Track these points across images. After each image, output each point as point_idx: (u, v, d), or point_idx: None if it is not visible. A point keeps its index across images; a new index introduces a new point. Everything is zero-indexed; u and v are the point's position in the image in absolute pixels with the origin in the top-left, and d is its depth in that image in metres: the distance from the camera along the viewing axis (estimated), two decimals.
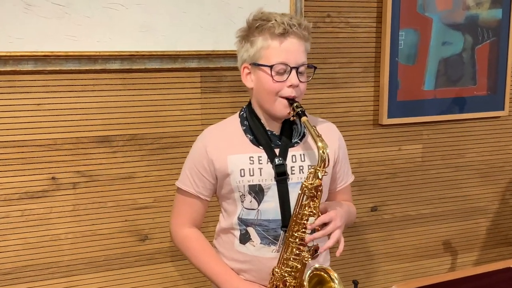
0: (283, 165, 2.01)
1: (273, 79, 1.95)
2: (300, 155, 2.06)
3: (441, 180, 3.26)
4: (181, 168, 2.16)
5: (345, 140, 2.18)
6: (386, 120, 2.99)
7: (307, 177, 1.93)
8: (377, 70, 2.98)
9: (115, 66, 2.49)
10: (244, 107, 2.13)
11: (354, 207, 2.28)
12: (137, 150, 2.60)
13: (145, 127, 2.60)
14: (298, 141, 2.08)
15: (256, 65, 1.99)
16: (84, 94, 2.49)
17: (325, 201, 2.15)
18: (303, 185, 1.93)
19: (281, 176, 2.01)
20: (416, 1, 2.96)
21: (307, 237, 1.94)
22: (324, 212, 1.97)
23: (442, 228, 3.33)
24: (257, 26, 1.97)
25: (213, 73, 2.66)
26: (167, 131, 2.63)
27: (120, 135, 2.57)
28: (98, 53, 2.45)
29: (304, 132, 2.09)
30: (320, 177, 1.90)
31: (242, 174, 2.02)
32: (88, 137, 2.52)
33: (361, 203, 3.08)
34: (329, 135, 2.09)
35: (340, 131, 2.20)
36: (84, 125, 2.51)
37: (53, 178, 2.50)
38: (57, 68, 2.42)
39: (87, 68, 2.46)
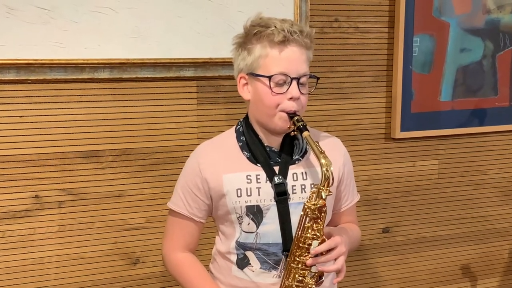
0: (283, 184, 2.00)
1: (272, 91, 1.93)
2: (302, 173, 2.04)
3: (459, 199, 3.24)
4: None
5: (354, 155, 2.17)
6: (399, 134, 2.98)
7: (309, 197, 1.92)
8: (389, 79, 2.97)
9: (104, 75, 2.49)
10: (241, 120, 2.12)
11: (359, 230, 2.26)
12: (128, 166, 2.60)
13: (136, 141, 2.59)
14: (300, 158, 2.06)
15: (253, 75, 1.97)
16: (70, 106, 2.48)
17: (329, 222, 2.15)
18: (306, 206, 1.91)
19: (281, 196, 1.99)
20: (432, 4, 2.95)
21: (310, 260, 1.92)
22: (328, 236, 1.95)
23: (460, 252, 3.30)
24: (255, 33, 1.96)
25: (210, 82, 2.65)
26: (161, 145, 2.62)
27: (110, 149, 2.56)
28: (85, 61, 2.44)
29: (306, 148, 2.07)
30: (324, 197, 1.89)
31: (239, 194, 2.01)
32: (75, 152, 2.51)
33: (371, 224, 3.06)
34: (334, 151, 2.07)
35: (349, 146, 2.19)
36: (71, 139, 2.50)
37: (36, 196, 2.49)
38: (41, 77, 2.41)
39: (73, 77, 2.45)
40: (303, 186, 2.03)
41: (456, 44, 3.03)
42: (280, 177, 2.00)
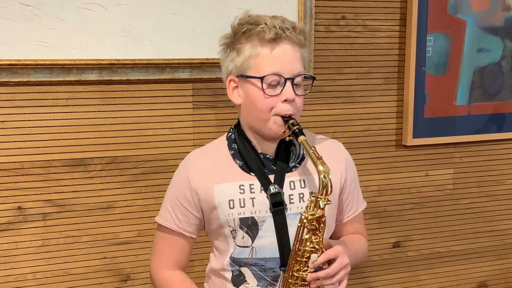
0: (280, 193, 1.98)
1: (264, 93, 1.92)
2: (300, 181, 2.03)
3: (476, 211, 3.23)
4: None
5: (362, 164, 2.17)
6: (411, 141, 2.97)
7: (307, 206, 1.90)
8: (400, 82, 2.96)
9: (93, 77, 2.48)
10: (232, 127, 2.11)
11: (365, 241, 2.25)
12: (118, 175, 2.59)
13: (127, 148, 2.58)
14: (297, 164, 2.05)
15: (244, 77, 1.96)
16: (56, 110, 2.47)
17: (332, 233, 2.14)
18: (303, 217, 1.88)
19: (278, 206, 1.98)
20: (447, 1, 2.95)
21: (309, 275, 1.90)
22: (328, 248, 1.94)
23: (476, 268, 3.29)
24: (244, 32, 1.95)
25: (207, 85, 2.64)
26: (154, 153, 2.62)
27: (98, 157, 2.55)
28: (72, 62, 2.43)
29: (303, 154, 2.06)
30: (322, 207, 1.88)
31: (232, 206, 1.99)
32: (61, 160, 2.51)
33: (381, 238, 3.05)
34: (334, 156, 2.07)
35: (357, 153, 2.19)
36: (56, 146, 2.49)
37: (19, 208, 2.48)
38: (25, 79, 2.40)
39: (59, 79, 2.44)
40: (301, 195, 2.02)
41: (473, 43, 3.02)
42: (276, 186, 1.99)
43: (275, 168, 2.03)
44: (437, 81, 2.99)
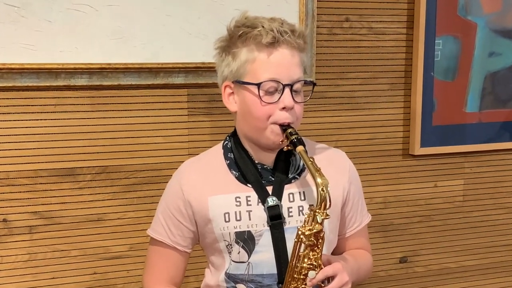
0: (278, 206, 1.99)
1: (261, 100, 1.92)
2: (299, 193, 2.03)
3: (488, 225, 3.23)
4: None
5: (367, 174, 2.17)
6: (418, 150, 2.97)
7: (304, 221, 1.90)
8: (407, 88, 2.96)
9: (82, 81, 2.47)
10: (229, 135, 2.11)
11: (369, 257, 2.24)
12: (108, 186, 2.58)
13: (118, 157, 2.58)
14: (296, 176, 2.05)
15: (240, 83, 1.96)
16: (43, 117, 2.47)
17: (335, 249, 2.13)
18: (299, 232, 1.88)
19: (276, 219, 1.98)
20: (457, 2, 2.95)
21: None
22: (327, 264, 1.93)
23: (489, 285, 3.28)
24: (240, 35, 1.95)
25: (203, 90, 2.64)
26: (146, 162, 2.61)
27: (88, 167, 2.55)
28: (61, 66, 2.43)
29: (303, 165, 2.05)
30: (319, 221, 1.87)
31: (227, 219, 1.99)
32: (48, 169, 2.50)
33: (387, 252, 3.04)
34: (336, 166, 2.08)
35: (362, 163, 2.19)
36: (43, 155, 2.49)
37: (4, 220, 2.47)
38: (10, 84, 2.40)
39: (47, 84, 2.43)
40: (300, 208, 2.02)
41: (485, 47, 3.02)
42: (274, 198, 1.99)
43: (273, 179, 2.02)
44: (446, 86, 2.99)
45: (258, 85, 1.91)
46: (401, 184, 3.02)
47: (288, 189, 2.02)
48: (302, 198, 2.03)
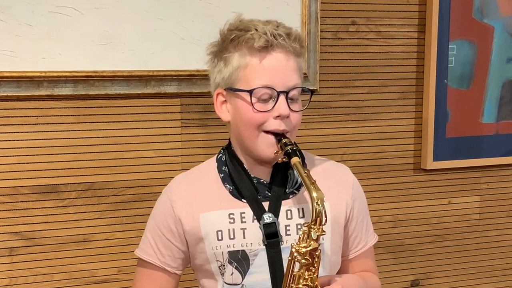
0: (275, 223, 1.96)
1: (253, 107, 1.90)
2: (298, 209, 2.01)
3: (505, 245, 3.23)
4: None
5: (375, 191, 2.15)
6: (431, 164, 2.96)
7: (299, 238, 1.87)
8: (419, 97, 2.96)
9: (66, 91, 2.47)
10: (223, 147, 2.10)
11: (376, 280, 2.22)
12: (95, 204, 2.58)
13: (106, 173, 2.57)
14: (295, 191, 2.03)
15: (232, 90, 1.95)
16: (24, 129, 2.46)
17: (338, 271, 2.10)
18: (293, 250, 1.85)
19: (272, 238, 1.96)
20: (472, 4, 2.95)
21: None
22: (327, 285, 1.91)
23: None
24: (232, 39, 1.94)
25: (197, 100, 2.64)
26: (136, 178, 2.61)
27: (73, 183, 2.54)
28: (43, 74, 2.42)
29: None
30: (314, 238, 1.85)
31: (220, 237, 1.97)
32: (30, 186, 2.49)
33: (397, 275, 3.04)
34: (339, 180, 2.07)
35: (369, 178, 2.18)
36: (24, 171, 2.48)
37: None
38: None
39: (28, 93, 2.43)
40: (299, 226, 1.99)
41: (502, 52, 3.03)
42: (270, 215, 1.97)
43: (269, 194, 2.00)
44: (461, 95, 2.99)
45: (250, 92, 1.89)
46: (412, 201, 3.02)
47: (285, 205, 2.01)
48: (301, 215, 2.01)
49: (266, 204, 1.99)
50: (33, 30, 2.40)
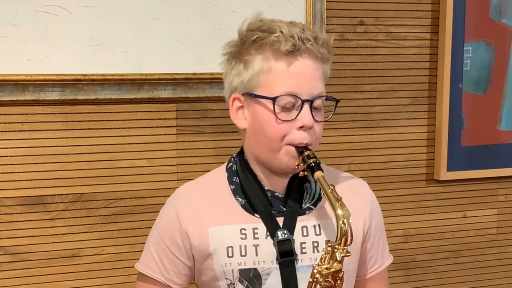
0: (289, 240, 1.95)
1: (276, 117, 1.88)
2: (314, 226, 1.99)
3: None
4: None
5: (385, 203, 2.15)
6: (445, 174, 2.96)
7: (321, 258, 1.86)
8: (431, 102, 2.96)
9: (54, 95, 2.47)
10: (234, 156, 2.08)
11: None
12: (84, 216, 2.57)
13: (96, 183, 2.57)
14: (312, 206, 2.01)
15: (252, 96, 1.92)
16: (8, 136, 2.46)
17: None
18: (315, 271, 1.85)
19: (287, 256, 1.94)
20: (489, 3, 2.95)
21: None
22: None
23: None
24: (254, 40, 1.91)
25: (194, 105, 2.64)
26: (128, 189, 2.60)
27: (60, 194, 2.54)
28: (29, 77, 2.42)
29: (320, 194, 2.02)
30: (339, 259, 1.84)
31: (230, 254, 1.96)
32: (14, 197, 2.49)
33: None
34: (357, 197, 2.05)
35: (378, 190, 2.17)
36: (9, 181, 2.48)
37: None
38: None
39: (13, 98, 2.43)
40: (315, 244, 1.98)
41: None
42: (285, 231, 1.95)
43: (284, 209, 1.99)
44: (477, 101, 2.99)
45: (274, 99, 1.87)
46: (425, 214, 3.01)
47: (301, 221, 1.99)
48: (318, 232, 1.99)
49: (280, 220, 1.97)
50: (18, 30, 2.40)
